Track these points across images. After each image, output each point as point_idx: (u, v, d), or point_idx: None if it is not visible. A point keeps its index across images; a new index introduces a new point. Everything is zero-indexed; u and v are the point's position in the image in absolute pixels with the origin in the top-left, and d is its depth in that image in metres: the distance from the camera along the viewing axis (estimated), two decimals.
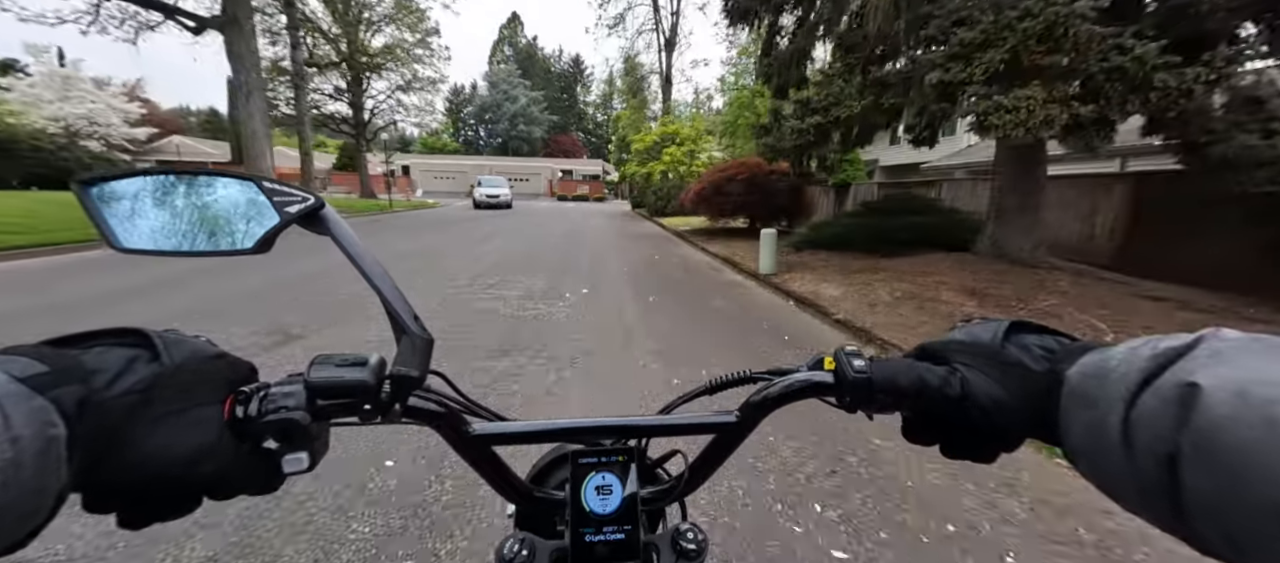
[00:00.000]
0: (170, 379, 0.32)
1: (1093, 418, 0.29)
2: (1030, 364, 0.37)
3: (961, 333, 0.42)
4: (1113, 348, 0.31)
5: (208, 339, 0.37)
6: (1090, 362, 0.31)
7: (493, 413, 0.52)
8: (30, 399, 0.25)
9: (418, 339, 0.40)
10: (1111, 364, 0.29)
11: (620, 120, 40.34)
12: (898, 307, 5.39)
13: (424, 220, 17.54)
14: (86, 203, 0.38)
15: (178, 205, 0.40)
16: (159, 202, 0.40)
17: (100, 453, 0.28)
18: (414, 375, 0.39)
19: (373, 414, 0.38)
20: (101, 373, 0.29)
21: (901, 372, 0.41)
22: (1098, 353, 0.32)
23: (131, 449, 0.29)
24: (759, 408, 0.47)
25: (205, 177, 0.41)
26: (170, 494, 0.32)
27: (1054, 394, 0.33)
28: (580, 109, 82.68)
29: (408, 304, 0.41)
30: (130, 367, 0.31)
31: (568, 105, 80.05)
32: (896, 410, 0.43)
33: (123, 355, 0.31)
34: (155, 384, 0.31)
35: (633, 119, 37.33)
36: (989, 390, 0.37)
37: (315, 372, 0.36)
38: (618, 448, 0.50)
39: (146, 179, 0.40)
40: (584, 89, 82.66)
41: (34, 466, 0.23)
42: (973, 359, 0.39)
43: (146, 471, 0.30)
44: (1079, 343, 0.36)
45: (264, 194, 0.41)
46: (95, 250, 7.77)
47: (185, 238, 0.40)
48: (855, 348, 0.44)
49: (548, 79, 77.16)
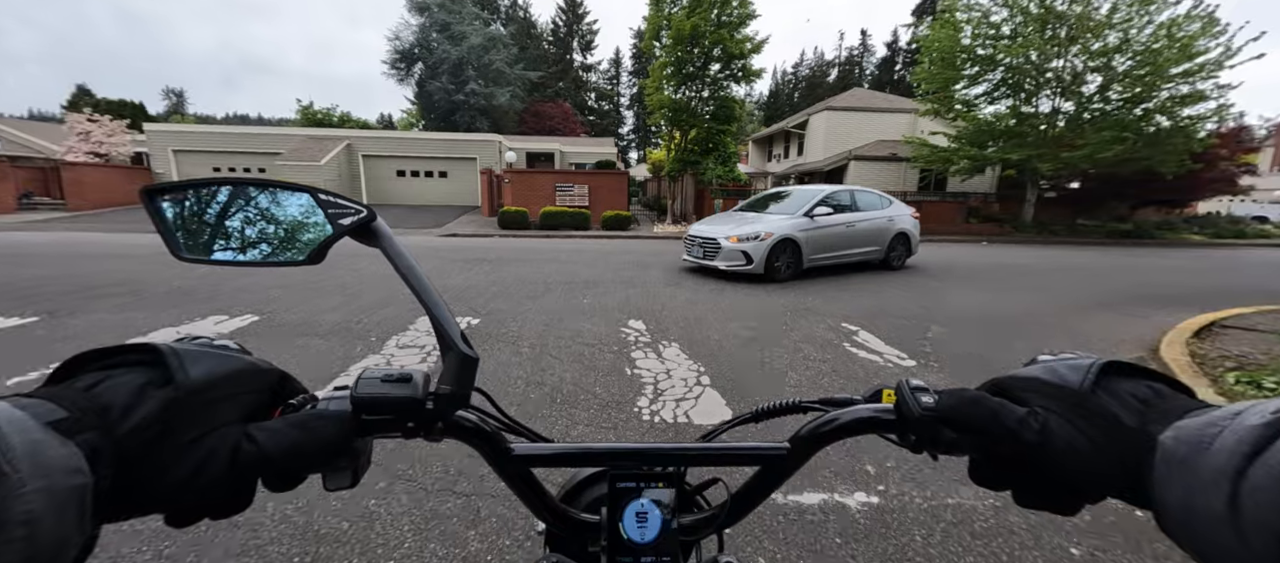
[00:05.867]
0: (187, 402, 0.30)
1: (1193, 487, 0.26)
2: (1123, 417, 0.32)
3: (1043, 370, 0.37)
4: (1215, 409, 0.29)
5: (239, 346, 0.36)
6: (1191, 426, 0.28)
7: (533, 433, 0.51)
8: (62, 446, 0.24)
9: (464, 357, 0.39)
10: (1215, 429, 0.26)
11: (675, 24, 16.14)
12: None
13: None
14: (152, 212, 0.39)
15: (237, 215, 0.41)
16: (219, 211, 0.41)
17: (123, 491, 0.27)
18: (459, 394, 0.39)
19: (417, 431, 0.38)
20: (115, 408, 0.28)
21: (972, 409, 0.37)
22: (1199, 415, 0.29)
23: (156, 481, 0.28)
24: (811, 442, 0.45)
25: (262, 187, 0.41)
26: (205, 512, 0.31)
27: (1146, 456, 0.30)
28: (577, 74, 58.92)
29: (455, 322, 0.40)
30: (142, 396, 0.29)
31: (560, 70, 56.27)
32: (965, 453, 0.39)
33: (133, 383, 0.29)
34: (170, 410, 0.29)
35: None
36: (1072, 440, 0.33)
37: (361, 387, 0.36)
38: (658, 473, 0.48)
39: (208, 190, 0.41)
40: (583, 46, 58.96)
41: (61, 515, 0.23)
42: (1056, 403, 0.35)
43: (175, 499, 0.29)
44: (1178, 396, 0.33)
45: (319, 205, 0.40)
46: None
47: (244, 247, 0.41)
48: (921, 382, 0.41)
49: (524, 30, 52.89)
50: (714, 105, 17.58)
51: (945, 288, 7.24)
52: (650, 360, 3.74)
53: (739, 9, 16.39)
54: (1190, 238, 18.54)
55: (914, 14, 58.14)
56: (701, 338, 4.33)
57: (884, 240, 8.57)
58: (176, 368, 0.30)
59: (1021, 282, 8.00)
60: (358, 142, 23.54)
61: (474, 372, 0.40)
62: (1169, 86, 15.20)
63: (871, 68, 64.98)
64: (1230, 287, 7.99)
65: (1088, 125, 16.23)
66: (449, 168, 24.06)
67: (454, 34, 37.51)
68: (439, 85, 37.72)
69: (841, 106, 26.69)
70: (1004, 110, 17.92)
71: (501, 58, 40.30)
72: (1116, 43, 15.44)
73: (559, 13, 57.55)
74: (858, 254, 8.32)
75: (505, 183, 18.29)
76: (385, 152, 23.86)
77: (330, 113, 37.35)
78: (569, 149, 30.16)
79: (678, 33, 16.01)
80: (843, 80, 60.96)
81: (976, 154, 17.87)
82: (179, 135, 23.37)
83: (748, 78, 17.41)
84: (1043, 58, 16.46)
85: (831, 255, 7.99)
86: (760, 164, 35.78)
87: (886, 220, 8.69)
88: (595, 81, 61.50)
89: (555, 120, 44.40)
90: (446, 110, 38.38)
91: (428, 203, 23.08)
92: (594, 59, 60.86)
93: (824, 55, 75.42)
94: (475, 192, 22.80)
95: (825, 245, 7.81)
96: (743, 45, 16.54)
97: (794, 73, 69.75)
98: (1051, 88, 17.09)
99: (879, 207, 8.89)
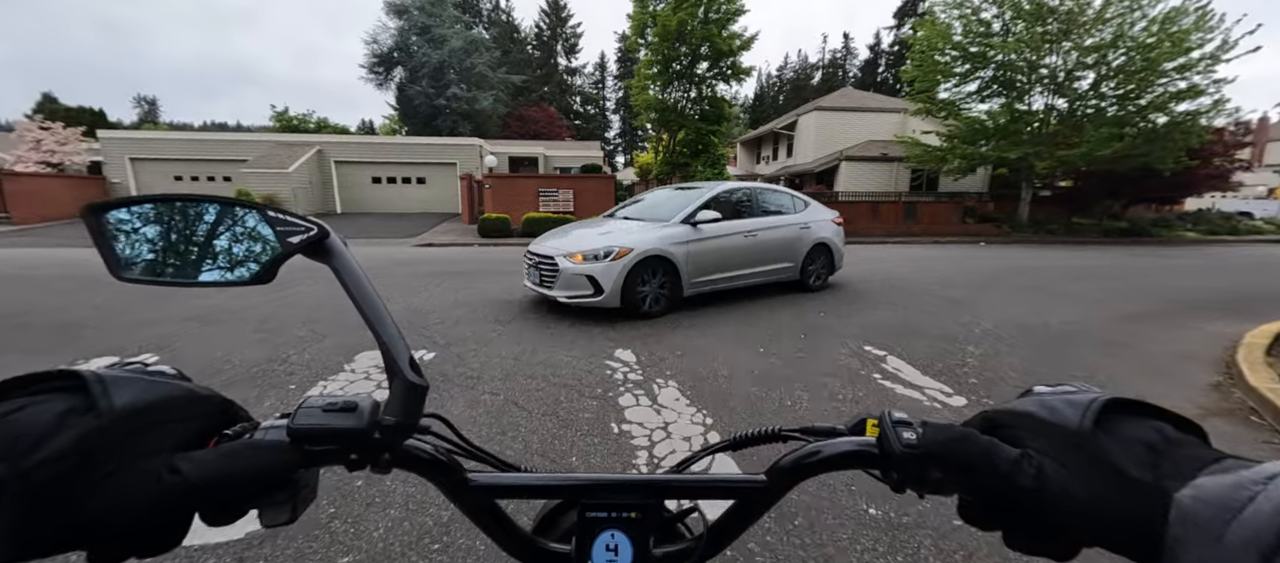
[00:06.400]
0: (109, 430, 0.28)
1: (1217, 557, 0.23)
2: (1129, 469, 0.29)
3: (1038, 405, 0.34)
4: (1237, 462, 0.26)
5: (178, 372, 0.35)
6: (1214, 486, 0.25)
7: (498, 460, 0.49)
8: None
9: (410, 385, 0.37)
10: (1246, 493, 0.23)
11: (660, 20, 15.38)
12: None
13: None
14: (94, 230, 0.37)
15: (182, 233, 0.40)
16: (163, 229, 0.39)
17: (33, 526, 0.25)
18: (406, 424, 0.37)
19: (361, 463, 0.37)
20: (25, 438, 0.26)
21: (961, 448, 0.35)
22: (1223, 472, 0.26)
23: (69, 515, 0.26)
24: (790, 473, 0.43)
25: (210, 203, 0.40)
26: (131, 550, 0.29)
27: (1159, 513, 0.26)
28: (562, 78, 58.00)
29: (406, 347, 0.39)
30: (60, 425, 0.27)
31: (544, 74, 55.33)
32: (954, 492, 0.37)
33: (50, 412, 0.28)
34: (89, 439, 0.27)
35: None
36: (1071, 489, 0.30)
37: (301, 417, 0.35)
38: (630, 503, 0.45)
39: (151, 207, 0.39)
40: (567, 49, 58.14)
41: None
42: (1053, 445, 0.32)
43: (93, 535, 0.27)
44: (1189, 442, 0.29)
45: (268, 222, 0.40)
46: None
47: (187, 267, 0.40)
48: (904, 415, 0.39)
49: (507, 33, 52.05)
50: (703, 105, 16.93)
51: (970, 301, 6.56)
52: (644, 410, 2.95)
53: (727, 4, 15.79)
54: (1185, 235, 18.32)
55: (896, 16, 58.60)
56: (705, 374, 3.56)
57: (798, 253, 6.54)
58: (100, 395, 0.29)
59: (1053, 289, 7.37)
60: (330, 147, 22.41)
61: (422, 400, 0.38)
62: (1164, 81, 14.92)
63: (855, 70, 65.27)
64: (1263, 289, 7.48)
65: (1087, 122, 15.90)
66: (427, 174, 23.01)
67: (434, 37, 36.41)
68: (420, 90, 36.56)
69: (831, 107, 26.29)
70: (997, 108, 17.55)
71: (484, 61, 39.26)
72: (1110, 37, 15.12)
73: (542, 16, 56.78)
74: (762, 274, 6.22)
75: (486, 188, 17.30)
76: (359, 157, 22.75)
77: (306, 119, 36.04)
78: (553, 153, 29.24)
79: (664, 29, 15.35)
80: (827, 83, 61.04)
81: (970, 152, 17.44)
82: (136, 142, 22.00)
83: (737, 76, 16.82)
84: (1034, 53, 16.09)
85: (725, 277, 5.84)
86: (749, 167, 35.30)
87: (800, 227, 6.59)
88: (580, 85, 60.71)
89: (540, 124, 43.42)
90: (428, 115, 37.22)
91: (405, 210, 22.00)
92: (579, 62, 60.18)
93: (808, 58, 75.80)
94: (455, 198, 21.61)
95: (715, 263, 5.71)
96: (731, 42, 15.95)
97: (778, 76, 69.84)
98: (1043, 85, 16.76)
99: (790, 210, 6.80)
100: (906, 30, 23.04)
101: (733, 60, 16.43)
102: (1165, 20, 14.49)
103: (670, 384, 3.33)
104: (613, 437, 2.61)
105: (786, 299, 6.19)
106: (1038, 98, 17.12)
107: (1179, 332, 4.98)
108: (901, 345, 4.29)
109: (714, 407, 2.99)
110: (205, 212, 0.40)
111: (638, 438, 2.61)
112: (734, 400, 3.10)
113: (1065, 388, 0.35)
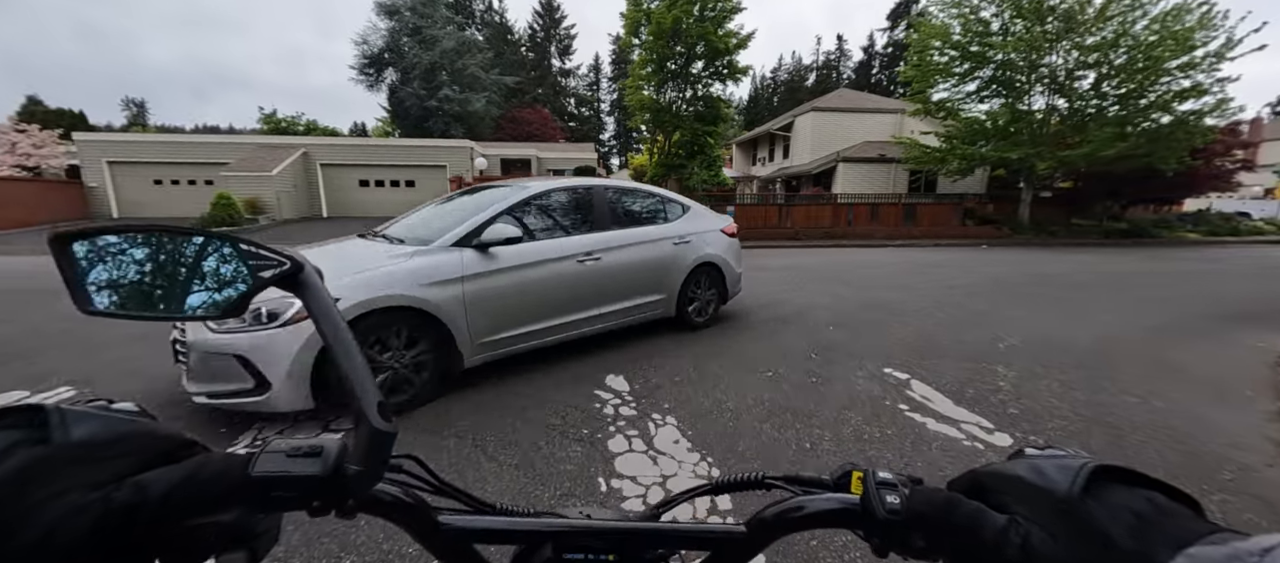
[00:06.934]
0: (53, 460, 0.29)
1: None
2: (1117, 538, 0.28)
3: (1027, 468, 0.34)
4: (1227, 534, 0.26)
5: (141, 409, 0.35)
6: (1208, 557, 0.24)
7: (471, 498, 0.47)
8: None
9: (376, 432, 0.36)
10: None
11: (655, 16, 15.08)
12: None
13: None
14: (61, 260, 0.37)
15: (151, 265, 0.39)
16: (133, 260, 0.39)
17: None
18: (369, 474, 0.36)
19: (324, 509, 0.35)
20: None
21: (945, 513, 0.34)
22: (1216, 544, 0.25)
23: (3, 543, 0.26)
24: (771, 527, 0.42)
25: (182, 236, 0.40)
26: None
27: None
28: (555, 80, 57.51)
29: (374, 390, 0.38)
30: (5, 455, 0.28)
31: (538, 76, 54.84)
32: (938, 558, 0.36)
33: (4, 443, 0.28)
34: (32, 469, 0.28)
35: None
36: (1058, 560, 0.30)
37: (262, 463, 0.34)
38: (608, 546, 0.45)
39: (122, 237, 0.39)
40: (561, 51, 57.68)
41: None
42: (1039, 512, 0.31)
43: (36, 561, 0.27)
44: (1179, 511, 0.29)
45: (239, 255, 0.39)
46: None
47: (155, 300, 0.39)
48: (889, 475, 0.38)
49: (500, 35, 51.58)
50: (698, 105, 16.55)
51: (999, 309, 6.17)
52: (637, 459, 2.51)
53: (723, 1, 15.43)
54: (1187, 236, 18.10)
55: (889, 18, 58.61)
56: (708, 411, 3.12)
57: (673, 279, 4.55)
58: (57, 427, 0.30)
59: (1072, 300, 7.00)
60: (315, 150, 21.81)
61: (390, 446, 0.37)
62: (1167, 80, 14.67)
63: (849, 71, 65.23)
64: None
65: (1090, 122, 15.63)
66: (416, 176, 22.44)
67: (426, 38, 35.80)
68: (411, 91, 35.95)
69: (828, 107, 25.96)
70: (997, 108, 17.26)
71: (476, 63, 38.66)
72: (1112, 36, 14.87)
73: (536, 17, 56.33)
74: (615, 314, 4.16)
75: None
76: (346, 160, 22.16)
77: (294, 121, 35.37)
78: (547, 155, 28.73)
79: (658, 27, 14.97)
80: (821, 84, 60.92)
81: (970, 152, 17.14)
82: (114, 145, 21.31)
83: (733, 75, 16.47)
84: (1034, 53, 15.82)
85: (543, 328, 3.68)
86: (745, 168, 34.97)
87: (675, 242, 4.59)
88: (574, 87, 60.26)
89: (533, 126, 42.86)
90: (420, 117, 36.59)
91: (394, 214, 21.45)
92: (573, 64, 59.76)
93: (801, 60, 75.67)
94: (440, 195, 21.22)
95: (523, 308, 3.56)
96: (728, 40, 15.58)
97: (773, 77, 69.70)
98: (1044, 85, 16.50)
99: (660, 216, 4.71)
100: (901, 32, 22.72)
101: (729, 59, 16.08)
102: (1168, 18, 14.26)
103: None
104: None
105: (656, 344, 4.29)
106: (1038, 98, 16.86)
107: (1221, 348, 4.60)
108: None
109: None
110: (177, 244, 0.39)
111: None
112: None
113: (1055, 451, 0.35)
